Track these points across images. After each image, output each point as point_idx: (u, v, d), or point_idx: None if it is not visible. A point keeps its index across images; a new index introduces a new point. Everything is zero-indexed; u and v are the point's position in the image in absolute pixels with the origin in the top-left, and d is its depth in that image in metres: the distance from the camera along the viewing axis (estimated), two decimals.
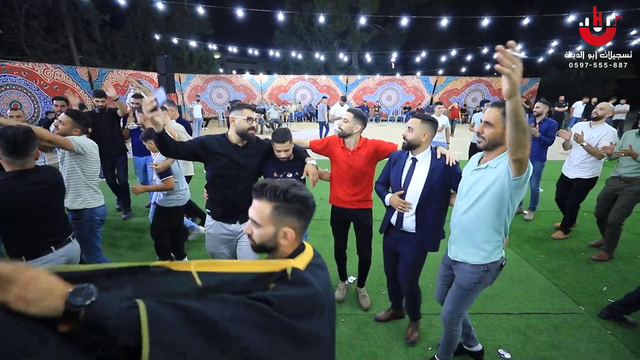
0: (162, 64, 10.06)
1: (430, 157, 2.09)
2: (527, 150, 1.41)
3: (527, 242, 3.94)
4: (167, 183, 2.88)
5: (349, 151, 2.44)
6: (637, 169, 3.23)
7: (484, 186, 1.68)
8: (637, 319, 2.55)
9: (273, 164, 2.36)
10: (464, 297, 1.83)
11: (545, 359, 2.25)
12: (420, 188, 2.05)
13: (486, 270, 1.76)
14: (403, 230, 2.17)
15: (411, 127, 2.06)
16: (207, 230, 2.33)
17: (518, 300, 2.87)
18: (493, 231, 1.73)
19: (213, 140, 2.19)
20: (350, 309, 2.74)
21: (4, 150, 1.75)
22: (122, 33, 17.53)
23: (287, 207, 0.97)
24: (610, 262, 3.46)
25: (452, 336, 1.95)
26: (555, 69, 20.85)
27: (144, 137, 2.91)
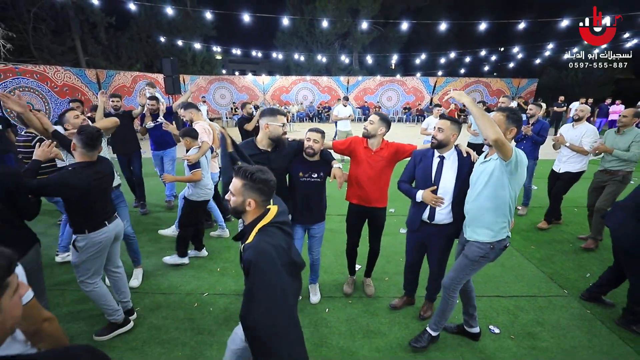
0: (168, 66, 10.36)
1: (456, 155, 2.30)
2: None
3: (519, 234, 4.23)
4: (196, 175, 3.24)
5: (372, 152, 2.59)
6: (619, 163, 3.57)
7: (488, 175, 1.99)
8: (614, 299, 2.84)
9: (299, 164, 2.51)
10: (467, 266, 2.12)
11: (530, 333, 2.53)
12: (451, 184, 2.26)
13: (492, 248, 2.05)
14: (435, 224, 2.35)
15: (442, 128, 2.23)
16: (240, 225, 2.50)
17: (509, 285, 3.16)
18: (499, 213, 2.01)
19: (245, 149, 2.30)
20: (357, 293, 3.03)
21: (84, 144, 2.10)
22: (127, 35, 17.82)
23: (251, 185, 1.43)
24: (595, 252, 3.75)
25: (448, 303, 2.23)
26: (553, 70, 21.12)
27: (182, 134, 3.30)
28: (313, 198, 2.57)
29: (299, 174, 2.51)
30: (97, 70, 11.93)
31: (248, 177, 1.42)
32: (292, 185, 2.58)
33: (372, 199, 2.63)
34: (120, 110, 4.65)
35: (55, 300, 2.84)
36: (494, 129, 1.79)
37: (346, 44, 23.61)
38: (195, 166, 3.26)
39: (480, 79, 19.54)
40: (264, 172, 1.47)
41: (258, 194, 1.44)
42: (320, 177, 2.54)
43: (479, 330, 2.45)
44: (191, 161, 3.25)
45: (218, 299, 2.92)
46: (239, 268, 3.40)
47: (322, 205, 2.68)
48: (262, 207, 1.49)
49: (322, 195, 2.64)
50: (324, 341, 2.44)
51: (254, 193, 1.44)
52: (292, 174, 2.53)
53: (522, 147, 4.69)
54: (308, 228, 2.71)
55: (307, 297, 2.93)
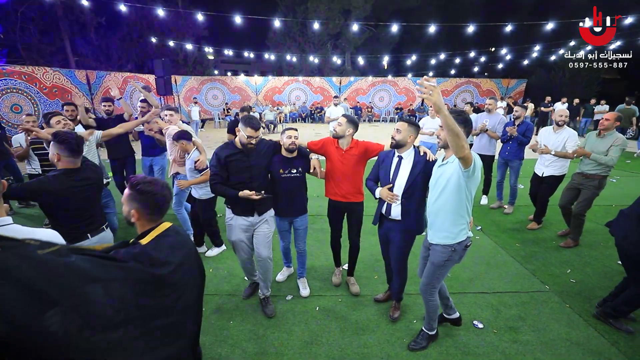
0: (160, 67, 10.33)
1: (413, 155, 2.46)
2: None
3: (504, 233, 4.36)
4: (207, 175, 3.34)
5: (342, 151, 2.77)
6: (596, 167, 3.65)
7: (446, 178, 2.05)
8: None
9: (279, 162, 2.70)
10: (435, 272, 2.22)
11: (512, 327, 2.64)
12: (404, 181, 2.41)
13: (453, 250, 2.13)
14: (392, 219, 2.52)
15: (399, 129, 2.42)
16: (229, 222, 2.68)
17: (493, 282, 3.27)
18: (457, 215, 2.08)
19: (222, 151, 2.51)
20: (345, 291, 3.11)
21: (69, 151, 2.08)
22: (118, 35, 17.66)
23: (134, 195, 1.36)
24: (575, 249, 3.89)
25: (430, 305, 2.33)
26: (542, 70, 21.51)
27: (176, 138, 3.35)
28: (295, 192, 2.78)
29: (279, 171, 2.69)
30: (87, 71, 11.82)
31: (133, 188, 1.36)
32: (274, 182, 2.74)
33: (347, 194, 2.83)
34: (112, 115, 4.64)
35: None
36: (462, 139, 1.75)
37: (338, 45, 23.71)
38: (205, 167, 3.39)
39: (471, 80, 19.83)
40: (149, 185, 1.37)
41: (140, 205, 1.35)
42: (299, 171, 2.74)
43: (459, 314, 2.57)
44: (200, 166, 3.34)
45: (210, 299, 2.97)
46: (232, 268, 3.46)
47: (303, 198, 2.88)
48: (148, 220, 1.37)
49: (303, 189, 2.85)
50: (314, 339, 2.51)
51: (135, 203, 1.36)
52: (273, 172, 2.70)
53: (508, 148, 4.83)
54: (292, 221, 2.89)
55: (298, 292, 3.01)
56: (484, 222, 4.67)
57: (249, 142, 2.46)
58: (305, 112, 18.45)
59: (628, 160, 8.78)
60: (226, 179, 2.53)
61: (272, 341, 2.49)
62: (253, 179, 2.54)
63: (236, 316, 2.76)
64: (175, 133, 3.41)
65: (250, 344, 2.45)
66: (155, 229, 1.35)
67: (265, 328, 2.62)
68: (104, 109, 4.59)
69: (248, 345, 2.44)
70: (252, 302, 2.94)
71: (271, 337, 2.52)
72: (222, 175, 2.51)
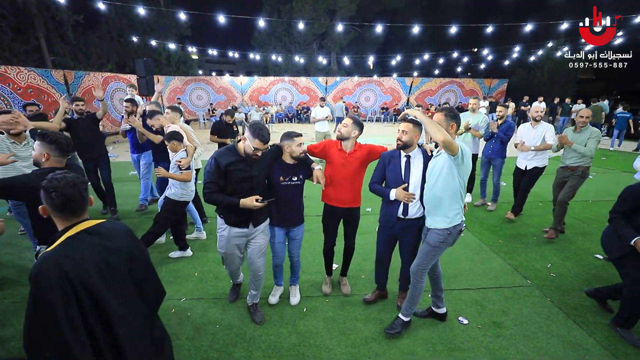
0: (142, 67, 10.07)
1: (421, 154, 2.50)
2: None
3: (488, 230, 4.45)
4: (187, 175, 3.34)
5: (346, 154, 2.66)
6: (578, 159, 3.88)
7: (440, 167, 2.23)
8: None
9: (279, 169, 2.51)
10: (430, 252, 2.32)
11: (496, 322, 2.70)
12: (419, 180, 2.46)
13: (449, 234, 2.27)
14: (409, 218, 2.53)
15: (406, 131, 2.40)
16: (221, 232, 2.50)
17: (478, 278, 3.33)
18: (452, 201, 2.24)
19: (222, 157, 2.30)
20: (334, 292, 3.10)
21: (59, 151, 2.05)
22: (97, 34, 17.14)
23: (42, 193, 1.31)
24: (555, 244, 4.01)
25: (417, 287, 2.40)
26: (522, 70, 22.14)
27: (168, 137, 3.31)
28: (294, 201, 2.61)
29: (279, 179, 2.51)
30: (65, 71, 11.43)
31: (42, 186, 1.30)
32: (272, 189, 2.57)
33: (347, 199, 2.72)
34: (84, 115, 4.52)
35: None
36: (441, 132, 2.03)
37: (324, 45, 23.75)
38: (187, 167, 3.36)
39: (454, 80, 20.22)
40: (57, 181, 1.29)
41: (46, 202, 1.31)
42: (299, 179, 2.57)
43: (445, 310, 2.65)
44: (184, 165, 3.31)
45: (196, 303, 2.91)
46: (217, 272, 3.40)
47: (302, 207, 2.74)
48: (58, 217, 1.33)
49: (301, 197, 2.69)
50: (302, 340, 2.50)
51: (44, 201, 1.32)
52: (273, 179, 2.52)
53: (491, 147, 4.95)
54: (288, 230, 2.74)
55: (287, 298, 2.98)
56: (468, 220, 4.76)
57: (254, 154, 2.26)
58: (292, 113, 18.40)
59: (603, 157, 9.13)
60: (222, 188, 2.33)
61: (259, 344, 2.46)
62: (254, 189, 2.34)
63: (222, 320, 2.71)
64: (167, 132, 3.38)
65: (237, 348, 2.42)
66: (71, 229, 1.30)
67: (253, 331, 2.59)
68: (76, 108, 4.45)
69: (235, 350, 2.41)
70: (239, 305, 2.90)
71: (258, 340, 2.49)
72: (220, 184, 2.30)
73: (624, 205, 2.45)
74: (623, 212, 2.45)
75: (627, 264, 2.43)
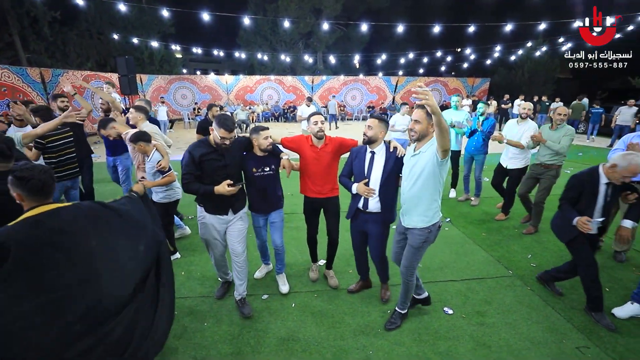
0: (124, 66, 9.84)
1: (384, 150, 2.55)
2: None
3: (472, 224, 4.57)
4: (171, 176, 3.24)
5: (317, 148, 2.78)
6: (552, 157, 3.97)
7: (421, 167, 2.20)
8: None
9: (251, 160, 2.67)
10: (415, 254, 2.36)
11: (480, 312, 2.79)
12: (379, 176, 2.51)
13: (429, 232, 2.30)
14: (369, 212, 2.60)
15: (371, 126, 2.49)
16: (201, 220, 2.62)
17: (462, 270, 3.43)
18: (431, 200, 2.26)
19: (196, 149, 2.44)
20: (322, 286, 3.14)
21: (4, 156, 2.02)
22: (75, 31, 16.57)
23: (13, 180, 1.54)
24: (535, 235, 4.16)
25: (408, 286, 2.46)
26: (503, 70, 22.72)
27: (133, 139, 3.14)
28: (268, 189, 2.76)
29: (252, 170, 2.66)
30: (42, 69, 11.03)
31: (12, 173, 1.53)
32: (247, 179, 2.72)
33: (322, 190, 2.85)
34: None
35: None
36: (449, 139, 2.03)
37: (310, 44, 23.73)
38: (168, 169, 3.24)
39: (439, 79, 20.58)
40: (28, 171, 1.52)
41: (17, 188, 1.53)
42: (272, 169, 2.73)
43: (427, 294, 2.73)
44: (165, 167, 3.19)
45: (183, 302, 2.88)
46: (205, 270, 3.38)
47: (278, 194, 2.87)
48: (27, 200, 1.55)
49: (276, 186, 2.82)
50: (291, 335, 2.51)
51: (14, 187, 1.54)
52: (246, 170, 2.68)
53: (474, 143, 5.07)
54: (267, 216, 2.87)
55: (276, 295, 2.99)
56: (453, 214, 4.88)
57: (222, 143, 2.40)
58: (278, 112, 18.32)
59: (580, 153, 9.48)
60: (199, 178, 2.45)
61: (248, 340, 2.46)
62: (229, 177, 2.45)
63: (210, 317, 2.70)
64: (132, 134, 3.20)
65: (225, 345, 2.41)
66: (37, 208, 1.52)
67: (241, 328, 2.59)
68: (61, 105, 4.26)
69: (223, 347, 2.40)
70: (226, 302, 2.89)
71: (247, 337, 2.50)
72: (196, 174, 2.43)
73: (570, 192, 2.70)
74: (570, 198, 2.70)
75: (576, 246, 2.67)
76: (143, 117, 3.83)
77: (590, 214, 2.58)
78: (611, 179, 2.52)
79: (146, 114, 3.90)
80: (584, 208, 2.62)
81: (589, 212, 2.59)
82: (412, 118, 2.23)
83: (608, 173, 2.53)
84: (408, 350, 2.37)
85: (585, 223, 2.47)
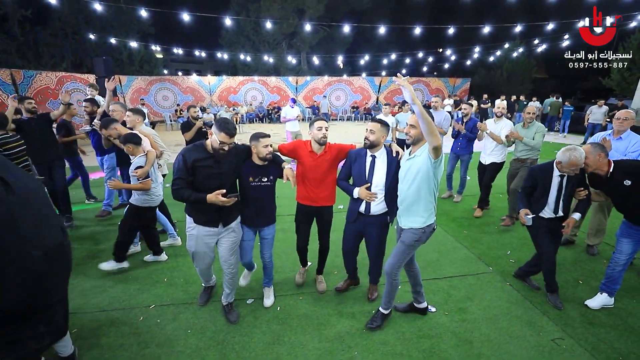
0: (101, 67, 9.59)
1: (385, 154, 2.55)
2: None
3: (454, 222, 4.68)
4: (145, 184, 3.14)
5: (317, 155, 2.68)
6: (527, 152, 4.25)
7: (416, 170, 2.26)
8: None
9: (248, 169, 2.53)
10: (405, 251, 2.40)
11: (461, 308, 2.85)
12: (383, 180, 2.52)
13: (423, 232, 2.36)
14: (372, 215, 2.61)
15: (373, 130, 2.48)
16: (190, 231, 2.49)
17: (444, 267, 3.50)
18: (427, 201, 2.32)
19: (190, 153, 2.29)
20: (307, 288, 3.14)
21: None
22: (49, 30, 15.96)
23: None
24: (513, 232, 4.30)
25: (393, 285, 2.49)
26: (483, 70, 23.34)
27: (123, 140, 3.10)
28: (264, 202, 2.63)
29: (249, 179, 2.53)
30: (12, 70, 10.57)
31: None
32: (242, 189, 2.59)
33: (320, 198, 2.78)
34: (35, 115, 4.18)
35: None
36: (437, 136, 2.05)
37: (293, 44, 23.69)
38: (145, 176, 3.15)
39: (421, 79, 20.91)
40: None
41: None
42: (270, 180, 2.59)
43: (426, 304, 2.76)
44: (140, 177, 3.08)
45: (166, 309, 2.83)
46: (188, 276, 3.32)
47: (273, 207, 2.75)
48: None
49: (272, 198, 2.72)
50: (276, 339, 2.50)
51: None
52: (242, 179, 2.55)
53: (459, 144, 5.21)
54: (259, 230, 2.75)
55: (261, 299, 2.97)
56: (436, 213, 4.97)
57: (221, 148, 2.26)
58: (263, 112, 18.19)
59: (556, 150, 9.85)
60: (190, 184, 2.31)
61: (232, 346, 2.44)
62: (223, 186, 2.30)
63: (194, 324, 2.66)
64: (122, 136, 3.16)
65: (209, 352, 2.38)
66: None
67: (225, 334, 2.56)
68: (29, 106, 4.10)
69: (207, 353, 2.37)
70: (210, 308, 2.85)
71: (231, 342, 2.47)
72: (188, 179, 2.28)
73: (525, 182, 2.96)
74: (525, 188, 2.95)
75: (533, 232, 2.95)
76: (141, 119, 3.79)
77: (544, 203, 2.84)
78: (563, 172, 2.69)
79: (143, 116, 3.88)
80: (539, 197, 2.86)
81: (542, 201, 2.84)
82: (408, 123, 2.30)
83: (558, 167, 2.70)
84: (392, 349, 2.40)
85: (522, 216, 2.80)
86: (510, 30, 16.19)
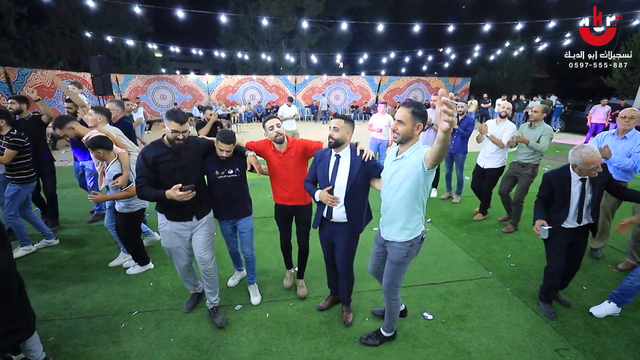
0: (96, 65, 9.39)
1: (350, 153, 2.28)
2: (443, 158, 1.79)
3: (452, 224, 4.54)
4: (130, 190, 2.90)
5: (281, 153, 2.59)
6: (529, 156, 3.96)
7: (404, 175, 1.92)
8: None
9: (213, 163, 2.49)
10: (397, 270, 2.14)
11: (460, 316, 2.72)
12: (345, 182, 2.25)
13: (411, 245, 2.06)
14: (335, 222, 2.35)
15: (337, 127, 2.20)
16: (163, 228, 2.43)
17: (442, 272, 3.36)
18: (414, 212, 2.00)
19: (149, 151, 2.25)
20: (296, 295, 3.00)
21: None
22: (45, 29, 15.83)
23: None
24: (514, 234, 4.16)
25: (392, 305, 2.26)
26: (484, 69, 23.20)
27: (90, 145, 2.85)
28: (234, 194, 2.59)
29: (215, 173, 2.51)
30: (6, 68, 10.44)
31: None
32: (211, 184, 2.55)
33: (293, 197, 2.68)
34: (26, 116, 3.98)
35: None
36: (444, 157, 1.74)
37: (292, 43, 23.53)
38: (127, 183, 2.95)
39: (421, 78, 20.78)
40: None
41: None
42: (236, 172, 2.55)
43: (404, 306, 2.62)
44: (122, 185, 2.88)
45: (149, 316, 2.70)
46: (174, 281, 3.19)
47: (246, 199, 2.69)
48: None
49: (243, 190, 2.66)
50: (264, 348, 2.37)
51: None
52: (208, 173, 2.53)
53: (452, 142, 5.04)
54: (235, 224, 2.71)
55: (248, 300, 2.84)
56: (434, 215, 4.84)
57: (175, 138, 2.21)
58: (261, 112, 18.06)
59: (557, 150, 9.71)
60: (154, 182, 2.26)
61: (217, 355, 2.31)
62: (187, 181, 2.23)
63: (178, 332, 2.52)
64: (90, 139, 2.86)
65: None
66: None
67: (211, 342, 2.43)
68: (14, 107, 3.93)
69: None
70: (196, 315, 2.71)
71: (217, 351, 2.34)
72: (150, 177, 2.24)
73: (541, 191, 2.69)
74: (541, 197, 2.68)
75: (550, 246, 2.68)
76: (104, 119, 3.47)
77: (565, 213, 2.54)
78: (583, 175, 2.46)
79: (108, 116, 3.54)
80: (559, 207, 2.57)
81: (563, 212, 2.55)
82: (396, 118, 1.93)
83: (576, 171, 2.48)
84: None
85: (536, 228, 2.54)
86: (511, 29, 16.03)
